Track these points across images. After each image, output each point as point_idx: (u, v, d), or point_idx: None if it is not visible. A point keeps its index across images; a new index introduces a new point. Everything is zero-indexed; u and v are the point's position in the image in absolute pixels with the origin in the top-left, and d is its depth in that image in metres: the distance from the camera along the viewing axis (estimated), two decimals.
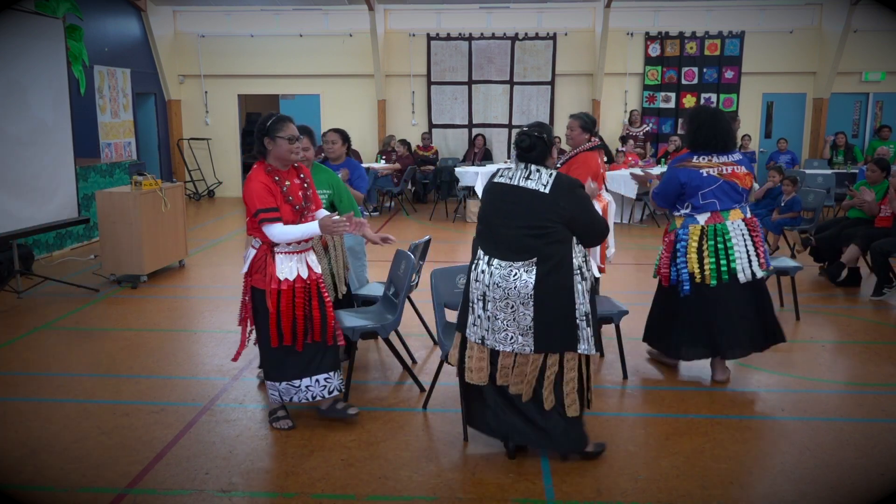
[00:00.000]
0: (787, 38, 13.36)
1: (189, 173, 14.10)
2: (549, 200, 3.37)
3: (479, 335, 3.51)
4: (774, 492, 3.40)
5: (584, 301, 3.44)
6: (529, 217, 3.39)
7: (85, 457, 3.71)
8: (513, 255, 3.41)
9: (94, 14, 11.31)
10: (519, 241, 3.40)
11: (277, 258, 3.79)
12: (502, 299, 3.41)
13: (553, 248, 3.38)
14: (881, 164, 7.28)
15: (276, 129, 3.73)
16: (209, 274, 7.87)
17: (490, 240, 3.50)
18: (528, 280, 3.37)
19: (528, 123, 3.62)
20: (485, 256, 3.50)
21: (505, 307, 3.42)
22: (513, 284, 3.39)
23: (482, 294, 3.47)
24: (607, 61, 13.32)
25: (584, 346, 3.45)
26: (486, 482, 3.47)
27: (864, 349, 5.43)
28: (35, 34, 6.84)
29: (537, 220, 3.38)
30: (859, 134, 13.91)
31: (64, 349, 5.44)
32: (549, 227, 3.38)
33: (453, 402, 4.35)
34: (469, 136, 13.79)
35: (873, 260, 6.69)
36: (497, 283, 3.42)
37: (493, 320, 3.45)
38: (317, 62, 13.83)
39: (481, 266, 3.49)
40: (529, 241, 3.38)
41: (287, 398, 3.98)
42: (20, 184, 6.70)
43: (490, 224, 3.52)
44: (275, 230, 3.70)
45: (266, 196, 3.70)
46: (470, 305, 3.55)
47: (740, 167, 4.51)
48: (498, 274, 3.42)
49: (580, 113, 5.37)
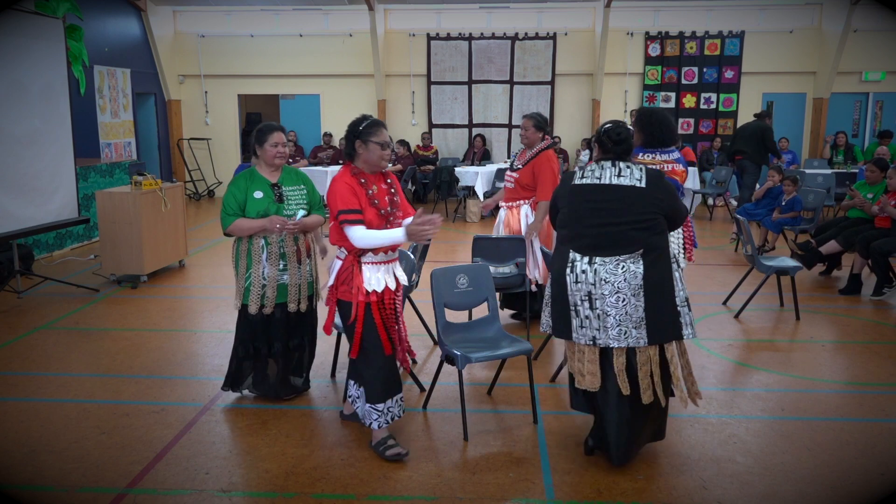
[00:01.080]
0: (787, 37, 13.36)
1: (189, 173, 14.10)
2: (649, 194, 3.47)
3: (590, 336, 3.49)
4: (774, 492, 3.40)
5: (683, 287, 3.57)
6: (632, 212, 3.46)
7: (85, 457, 3.71)
8: (619, 249, 3.45)
9: (94, 14, 11.32)
10: (624, 235, 3.45)
11: (364, 269, 3.62)
12: (612, 294, 3.43)
13: (656, 238, 3.48)
14: (880, 164, 7.29)
15: (370, 133, 3.63)
16: (209, 274, 7.87)
17: (587, 239, 3.51)
18: (637, 271, 3.43)
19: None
20: (582, 257, 3.49)
21: (616, 302, 3.43)
22: (622, 277, 3.42)
23: (587, 294, 3.46)
24: (607, 61, 13.32)
25: (688, 332, 3.53)
26: (486, 482, 3.47)
27: (864, 349, 5.43)
28: (35, 34, 6.84)
29: (641, 214, 3.46)
30: (859, 134, 13.91)
31: (64, 349, 5.44)
32: (652, 219, 3.47)
33: (454, 401, 4.36)
34: (469, 136, 13.79)
35: (873, 260, 6.69)
36: (604, 279, 3.43)
37: (603, 318, 3.45)
38: (317, 62, 13.83)
39: (580, 267, 3.48)
40: (635, 234, 3.45)
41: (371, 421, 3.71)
42: (20, 184, 6.70)
43: (585, 224, 3.52)
44: (356, 233, 3.53)
45: (350, 197, 3.55)
46: (572, 310, 3.51)
47: (678, 165, 4.71)
48: (604, 270, 3.44)
49: (533, 113, 5.73)
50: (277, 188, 4.25)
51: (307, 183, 4.41)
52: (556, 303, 3.58)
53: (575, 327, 3.52)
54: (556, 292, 3.58)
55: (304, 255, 4.30)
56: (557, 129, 13.76)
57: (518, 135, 13.74)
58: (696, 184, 11.81)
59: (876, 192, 7.17)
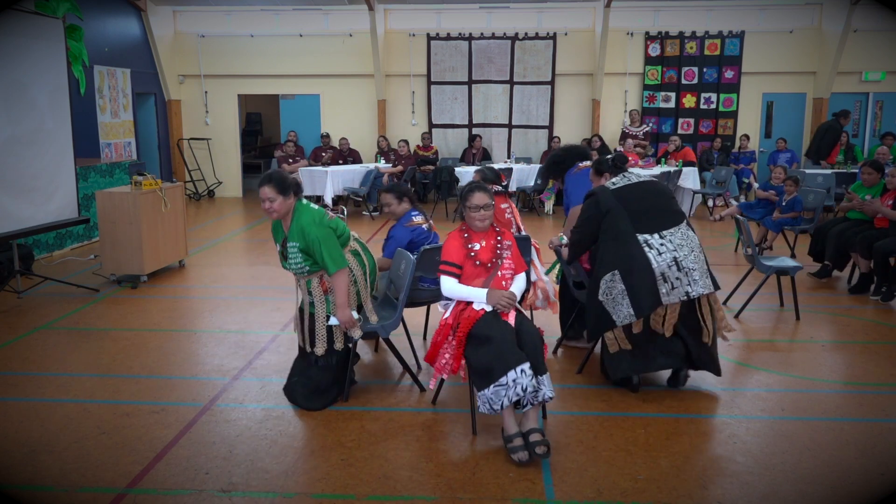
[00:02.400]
0: (787, 37, 13.36)
1: (189, 173, 14.10)
2: (658, 183, 4.64)
3: (683, 292, 4.22)
4: (774, 492, 3.40)
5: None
6: (667, 193, 4.52)
7: (85, 457, 3.71)
8: (676, 218, 4.38)
9: (94, 14, 11.32)
10: (673, 208, 4.43)
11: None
12: (691, 251, 4.27)
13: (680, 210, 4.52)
14: (875, 166, 7.28)
15: (465, 199, 4.08)
16: (209, 274, 7.87)
17: (652, 220, 4.33)
18: (692, 234, 4.38)
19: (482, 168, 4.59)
20: (653, 234, 4.27)
21: (695, 259, 4.26)
22: (691, 238, 4.33)
23: (672, 260, 4.21)
24: (607, 61, 13.32)
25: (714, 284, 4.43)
26: (486, 482, 3.47)
27: (864, 349, 5.43)
28: (35, 34, 6.84)
29: (671, 194, 4.57)
30: (859, 134, 13.91)
31: (64, 349, 5.44)
32: (673, 196, 4.57)
33: (454, 401, 4.36)
34: (469, 135, 13.78)
35: (875, 260, 6.68)
36: (681, 243, 4.27)
37: (691, 273, 4.22)
38: (317, 62, 13.83)
39: (657, 242, 4.26)
40: (677, 207, 4.48)
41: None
42: (20, 184, 6.70)
43: (645, 210, 4.34)
44: (445, 283, 4.04)
45: (452, 251, 4.05)
46: (657, 281, 4.20)
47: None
48: (677, 235, 4.29)
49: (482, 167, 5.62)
50: (283, 244, 4.18)
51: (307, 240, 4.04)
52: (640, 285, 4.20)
53: (665, 292, 4.20)
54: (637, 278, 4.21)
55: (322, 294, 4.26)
56: (557, 129, 13.76)
57: (518, 135, 13.83)
58: (696, 184, 11.82)
59: (874, 195, 7.15)
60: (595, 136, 12.92)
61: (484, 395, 3.70)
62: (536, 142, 13.85)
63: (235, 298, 6.84)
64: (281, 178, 4.05)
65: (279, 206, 4.03)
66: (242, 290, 7.20)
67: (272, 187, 4.00)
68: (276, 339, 5.57)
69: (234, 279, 7.67)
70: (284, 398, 4.42)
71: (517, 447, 3.64)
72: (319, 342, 4.20)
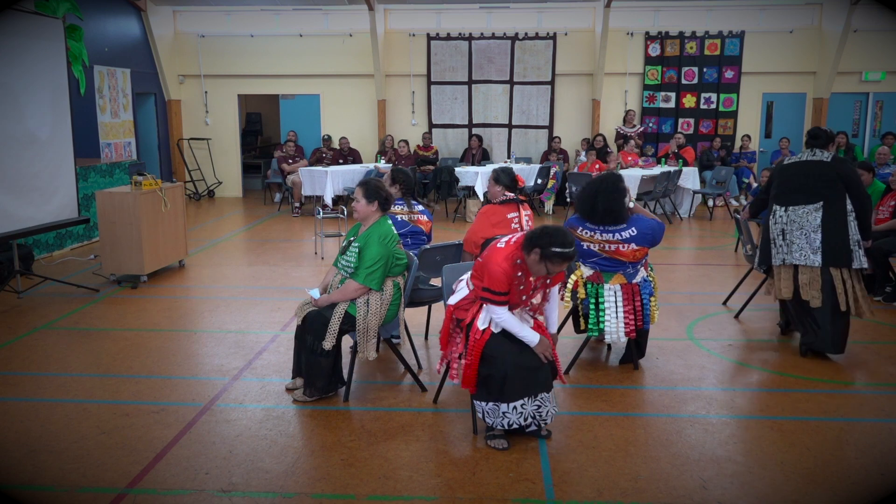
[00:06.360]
0: (787, 37, 13.36)
1: (189, 173, 14.10)
2: (830, 166, 5.07)
3: (780, 258, 5.10)
4: (774, 492, 3.40)
5: (856, 232, 5.00)
6: (817, 175, 5.04)
7: (85, 457, 3.71)
8: (811, 199, 5.00)
9: (94, 14, 11.32)
10: (813, 190, 5.01)
11: (484, 307, 3.83)
12: (800, 228, 5.00)
13: (835, 194, 4.99)
14: (865, 167, 7.29)
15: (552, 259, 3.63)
16: (209, 274, 7.87)
17: (787, 195, 5.11)
18: (817, 216, 4.96)
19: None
20: (782, 207, 5.11)
21: (801, 236, 5.00)
22: (806, 219, 4.99)
23: (780, 231, 5.09)
24: (607, 61, 13.32)
25: (857, 263, 4.98)
26: (486, 482, 3.47)
27: (864, 349, 5.43)
28: (35, 34, 6.84)
29: (827, 177, 5.01)
30: (859, 134, 13.91)
31: (64, 349, 5.44)
32: (833, 180, 5.01)
33: (455, 401, 4.36)
34: (469, 136, 13.78)
35: (874, 260, 6.67)
36: (796, 220, 5.02)
37: (790, 245, 5.04)
38: (317, 62, 13.83)
39: (780, 212, 5.11)
40: (821, 189, 4.99)
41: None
42: (20, 184, 6.70)
43: (787, 186, 5.11)
44: (500, 313, 3.77)
45: (503, 281, 3.69)
46: (771, 244, 5.17)
47: (628, 245, 4.57)
48: (799, 212, 5.02)
49: (498, 170, 5.52)
50: (350, 242, 4.40)
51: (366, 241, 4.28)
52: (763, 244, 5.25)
53: (773, 255, 5.15)
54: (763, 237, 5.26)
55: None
56: (557, 129, 13.76)
57: (518, 135, 13.83)
58: (696, 184, 11.82)
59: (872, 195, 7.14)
60: (598, 135, 12.91)
61: (480, 405, 3.82)
62: (536, 142, 13.85)
63: (235, 298, 6.84)
64: (372, 187, 4.35)
65: (361, 207, 4.35)
66: (242, 290, 7.20)
67: (361, 190, 4.35)
68: (276, 339, 5.57)
69: (234, 279, 7.67)
70: (284, 398, 4.43)
71: (497, 434, 3.75)
72: (329, 337, 4.25)
